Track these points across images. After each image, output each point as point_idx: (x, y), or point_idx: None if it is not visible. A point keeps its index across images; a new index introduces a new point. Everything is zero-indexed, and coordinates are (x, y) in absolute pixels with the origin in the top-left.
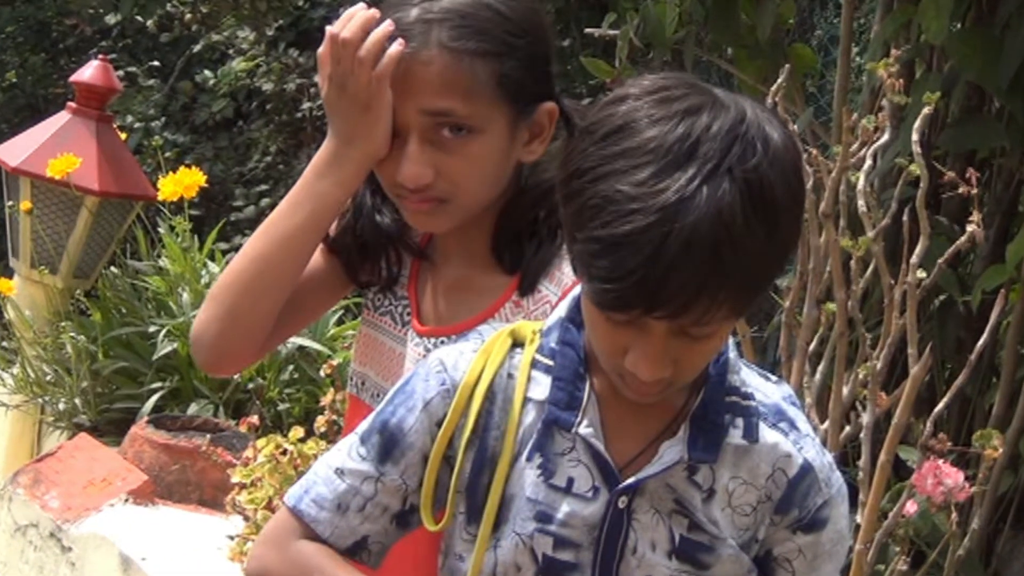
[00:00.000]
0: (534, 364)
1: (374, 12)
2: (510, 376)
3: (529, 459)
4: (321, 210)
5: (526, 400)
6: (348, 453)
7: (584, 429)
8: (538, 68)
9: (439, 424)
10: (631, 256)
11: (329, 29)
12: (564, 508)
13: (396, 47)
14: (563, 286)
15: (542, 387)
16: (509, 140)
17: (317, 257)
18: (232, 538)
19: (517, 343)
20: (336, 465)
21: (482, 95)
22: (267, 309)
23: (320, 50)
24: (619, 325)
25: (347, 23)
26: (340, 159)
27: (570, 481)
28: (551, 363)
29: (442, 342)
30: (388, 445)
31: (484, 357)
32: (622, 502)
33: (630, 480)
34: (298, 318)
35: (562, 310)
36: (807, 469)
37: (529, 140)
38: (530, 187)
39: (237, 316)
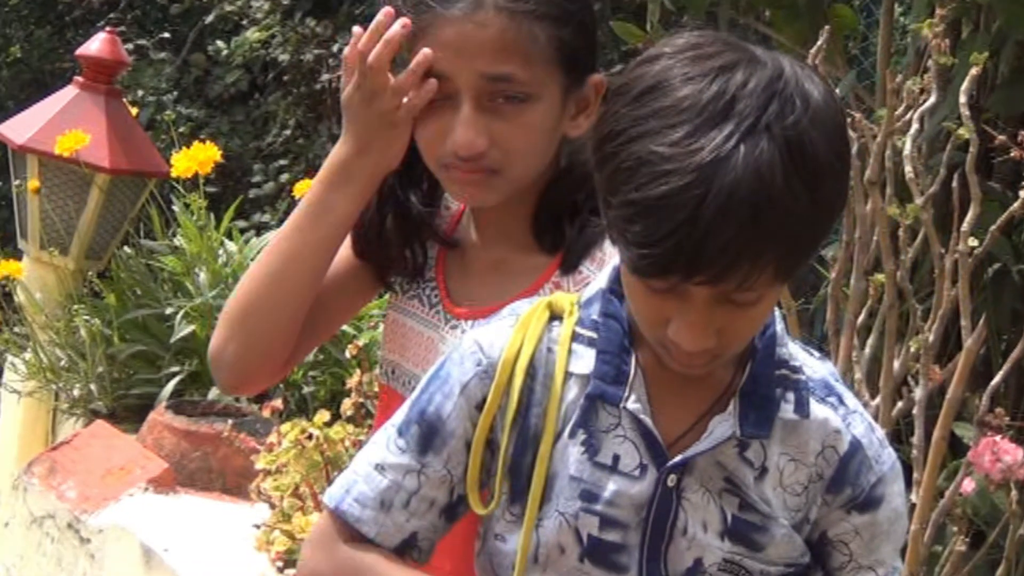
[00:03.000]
0: (575, 337)
1: (404, 27)
2: (550, 350)
3: (572, 436)
4: (335, 224)
5: (568, 374)
6: (386, 447)
7: (632, 404)
8: (590, 37)
9: (479, 407)
10: (667, 219)
11: (357, 46)
12: (610, 487)
13: (432, 83)
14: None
15: (584, 361)
16: (561, 111)
17: (341, 263)
18: (258, 527)
19: (555, 316)
20: (375, 461)
21: (540, 60)
22: (284, 328)
23: (347, 53)
24: (659, 293)
25: (374, 37)
26: (352, 171)
27: (616, 458)
28: (594, 335)
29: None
30: (428, 435)
31: (522, 332)
32: (671, 480)
33: (679, 457)
34: (324, 328)
35: (602, 281)
36: (856, 446)
37: (576, 114)
38: (575, 166)
39: (253, 337)
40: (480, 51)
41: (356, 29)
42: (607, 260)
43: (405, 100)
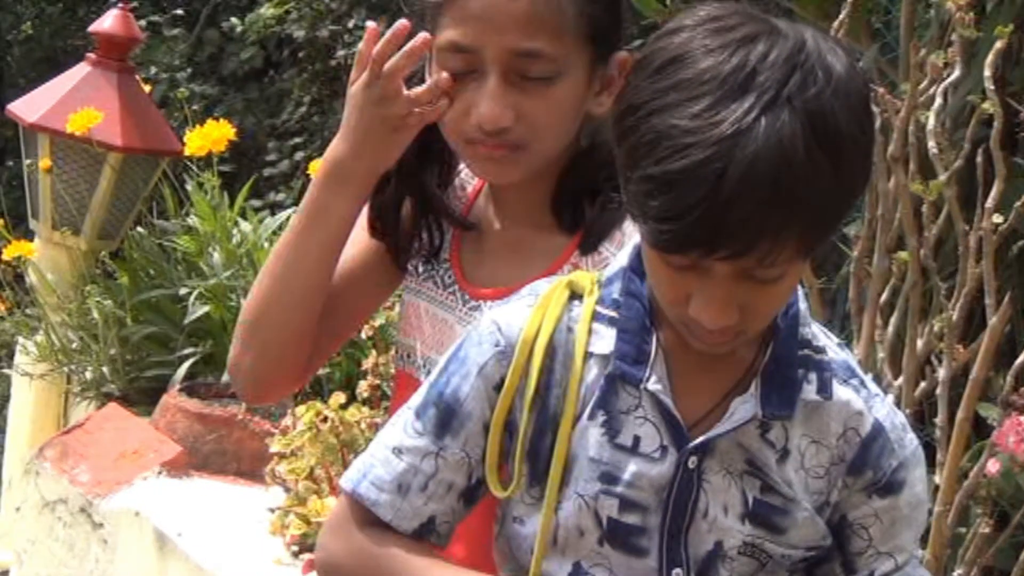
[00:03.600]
0: (595, 316)
1: (424, 41)
2: (569, 330)
3: (592, 417)
4: (334, 226)
5: (588, 354)
6: (404, 429)
7: (652, 384)
8: (617, 12)
9: (497, 389)
10: (687, 193)
11: (374, 49)
12: (630, 468)
13: (444, 102)
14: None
15: (605, 340)
16: (586, 88)
17: (357, 256)
18: (272, 511)
19: (575, 295)
20: (393, 444)
21: (568, 35)
22: (296, 334)
23: (361, 48)
24: (680, 270)
25: (392, 44)
26: (349, 172)
27: (636, 440)
28: (615, 315)
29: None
30: (445, 417)
31: (541, 311)
32: (692, 462)
33: (700, 439)
34: (344, 326)
35: (623, 259)
36: (879, 429)
37: (599, 91)
38: (597, 145)
39: (267, 346)
40: (509, 25)
41: (371, 24)
42: (627, 240)
43: (417, 110)
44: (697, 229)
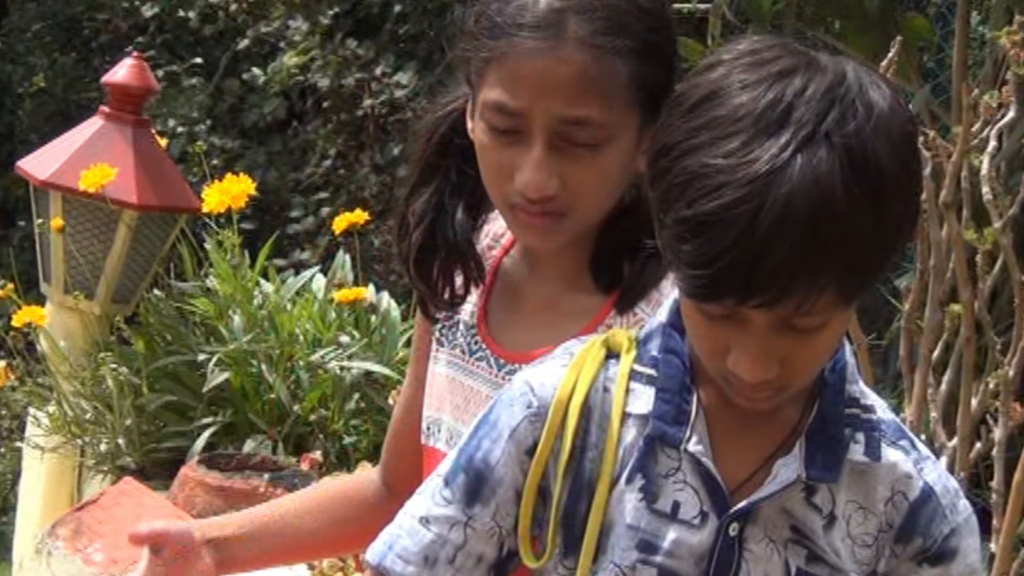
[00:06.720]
0: (633, 375)
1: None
2: (606, 390)
3: (629, 481)
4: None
5: (625, 415)
6: (432, 497)
7: (693, 446)
8: (670, 72)
9: (529, 453)
10: (719, 236)
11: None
12: (670, 536)
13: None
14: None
15: (643, 400)
16: (634, 151)
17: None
18: None
19: (612, 353)
20: (420, 513)
21: (619, 100)
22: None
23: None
24: (717, 320)
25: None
26: None
27: (675, 506)
28: (653, 373)
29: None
30: (475, 484)
31: (576, 371)
32: (733, 529)
33: (742, 504)
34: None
35: (663, 315)
36: (928, 493)
37: (647, 150)
38: (638, 201)
39: None
40: (558, 90)
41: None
42: (664, 300)
43: None
44: (730, 275)
